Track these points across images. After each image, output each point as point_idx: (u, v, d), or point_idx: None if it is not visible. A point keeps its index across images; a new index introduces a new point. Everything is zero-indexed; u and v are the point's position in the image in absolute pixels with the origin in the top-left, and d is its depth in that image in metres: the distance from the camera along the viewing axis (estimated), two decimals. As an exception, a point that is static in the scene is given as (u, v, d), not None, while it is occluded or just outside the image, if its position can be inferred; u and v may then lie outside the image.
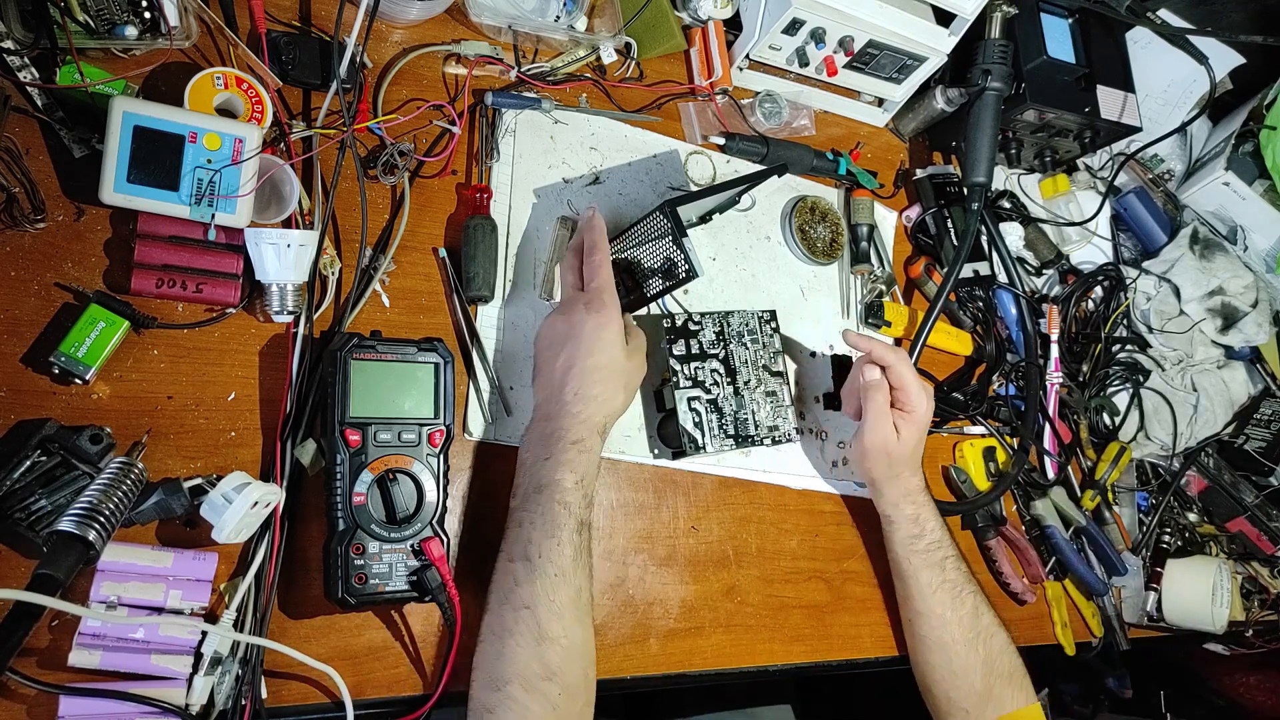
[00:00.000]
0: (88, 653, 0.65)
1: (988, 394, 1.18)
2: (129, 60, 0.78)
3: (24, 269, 0.71)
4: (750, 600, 0.95)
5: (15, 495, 0.64)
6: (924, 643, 0.95)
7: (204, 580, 0.70)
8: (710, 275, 1.03)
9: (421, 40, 0.93)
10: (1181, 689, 1.50)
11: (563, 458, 0.78)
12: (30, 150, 0.73)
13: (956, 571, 0.95)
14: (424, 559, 0.75)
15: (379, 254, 0.85)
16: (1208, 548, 1.29)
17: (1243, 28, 1.33)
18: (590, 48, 0.99)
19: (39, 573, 0.58)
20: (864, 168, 1.15)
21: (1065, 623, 1.17)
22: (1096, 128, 1.21)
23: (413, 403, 0.78)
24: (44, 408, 0.70)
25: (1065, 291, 1.28)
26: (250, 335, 0.79)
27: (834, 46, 1.07)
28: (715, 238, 1.05)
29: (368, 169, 0.86)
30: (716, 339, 0.95)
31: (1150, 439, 1.28)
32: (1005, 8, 1.11)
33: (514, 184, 0.94)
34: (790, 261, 1.10)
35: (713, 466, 0.97)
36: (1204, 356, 1.31)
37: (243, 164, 0.74)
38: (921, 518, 0.95)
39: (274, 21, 0.86)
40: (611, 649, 0.87)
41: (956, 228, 1.16)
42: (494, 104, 0.93)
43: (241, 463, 0.75)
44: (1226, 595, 1.19)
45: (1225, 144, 1.33)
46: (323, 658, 0.72)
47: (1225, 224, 1.36)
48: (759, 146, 1.07)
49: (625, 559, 0.90)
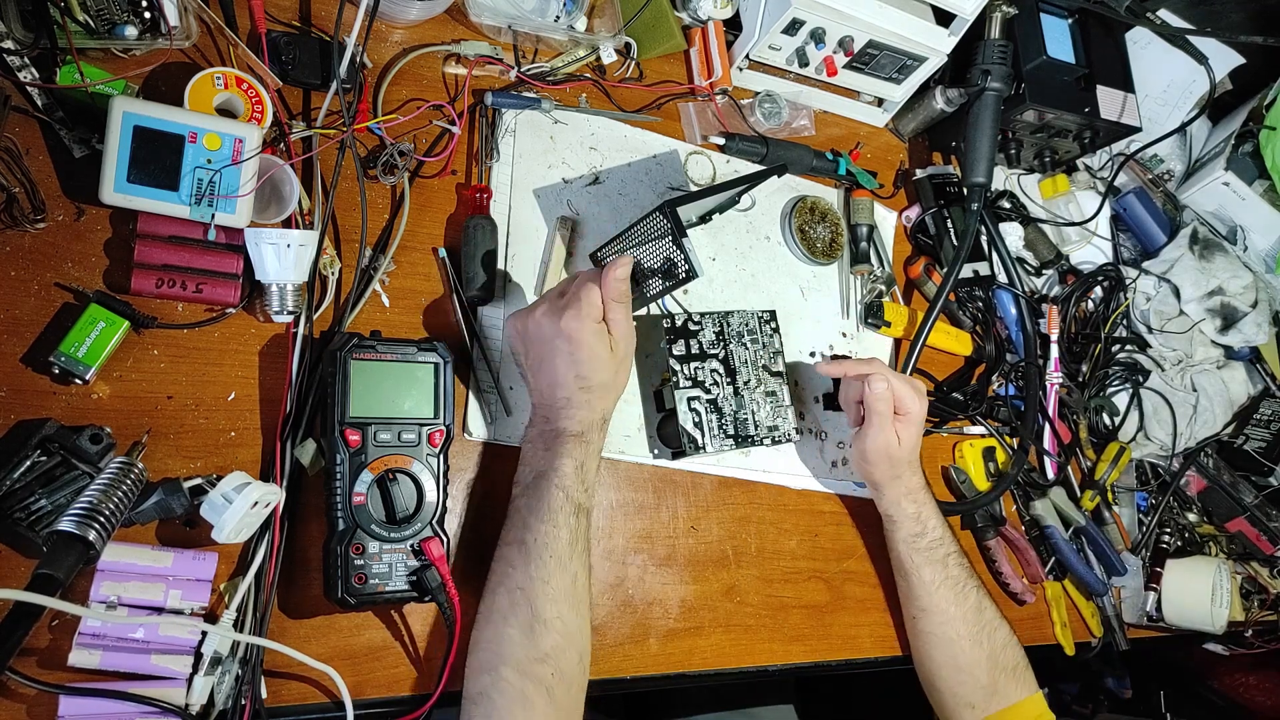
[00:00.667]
0: (88, 653, 0.65)
1: (987, 394, 1.18)
2: (129, 60, 0.78)
3: (24, 269, 0.71)
4: (750, 600, 0.95)
5: (15, 495, 0.64)
6: (928, 639, 0.95)
7: (204, 580, 0.70)
8: (710, 275, 1.03)
9: (421, 40, 0.93)
10: (1181, 689, 1.50)
11: (563, 448, 0.79)
12: (30, 150, 0.73)
13: (959, 568, 0.95)
14: (424, 559, 0.75)
15: (379, 254, 0.85)
16: (1207, 548, 1.29)
17: (1242, 28, 1.33)
18: (590, 48, 0.99)
19: (39, 572, 0.58)
20: (864, 168, 1.15)
21: (1065, 623, 1.17)
22: (1096, 128, 1.21)
23: (412, 403, 0.78)
24: (44, 408, 0.70)
25: (1065, 291, 1.28)
26: (250, 335, 0.79)
27: (834, 47, 1.07)
28: (715, 238, 1.05)
29: (368, 169, 0.86)
30: (716, 339, 0.95)
31: (1150, 439, 1.28)
32: (1005, 8, 1.12)
33: (514, 184, 0.94)
34: (790, 261, 1.10)
35: (712, 466, 0.97)
36: (1204, 357, 1.31)
37: (243, 164, 0.74)
38: (923, 515, 0.95)
39: (274, 21, 0.86)
40: (611, 649, 0.87)
41: (956, 228, 1.16)
42: (494, 104, 0.93)
43: (241, 463, 0.75)
44: (1226, 595, 1.19)
45: (1225, 144, 1.33)
46: (322, 657, 0.72)
47: (1225, 224, 1.36)
48: (759, 147, 1.07)
49: (625, 559, 0.90)
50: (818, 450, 1.04)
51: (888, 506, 0.97)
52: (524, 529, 0.76)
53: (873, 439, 0.93)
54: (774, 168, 0.99)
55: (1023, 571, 1.14)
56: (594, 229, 0.97)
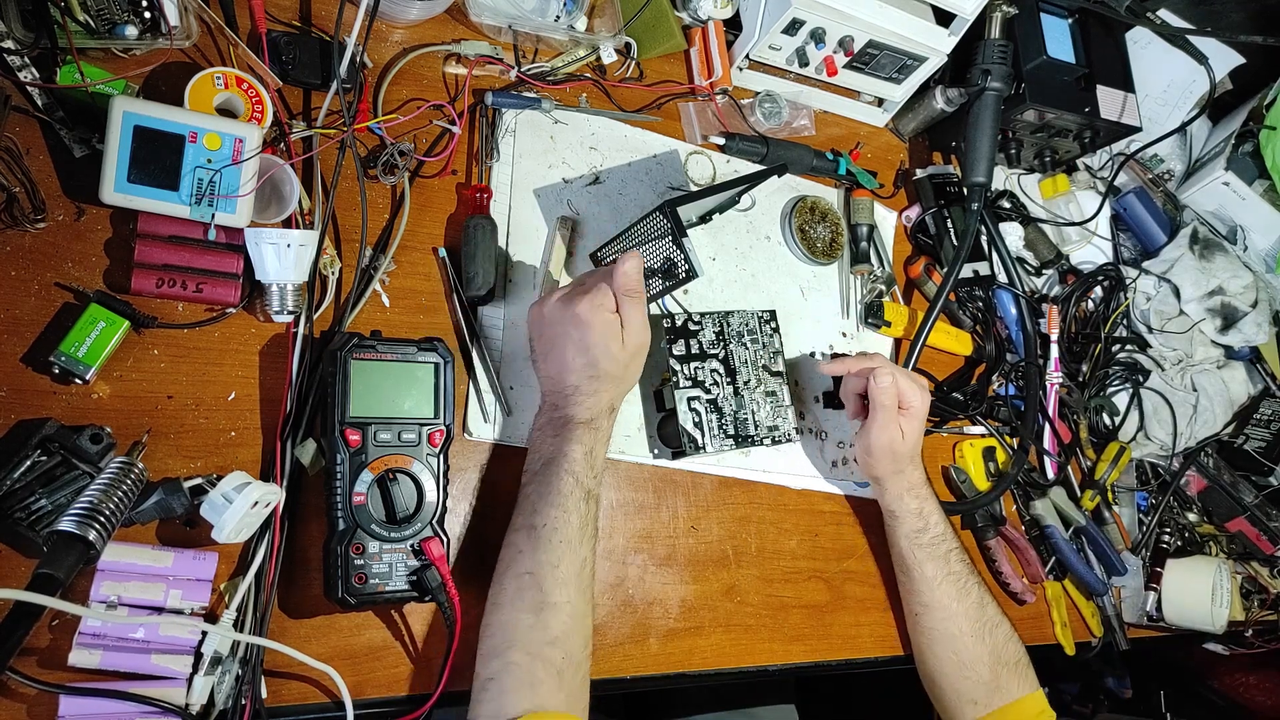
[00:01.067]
0: (88, 652, 0.65)
1: (987, 394, 1.18)
2: (129, 60, 0.78)
3: (24, 269, 0.71)
4: (750, 600, 0.95)
5: (16, 495, 0.64)
6: (930, 635, 0.96)
7: (204, 580, 0.70)
8: (710, 275, 1.03)
9: (422, 40, 0.93)
10: (1181, 689, 1.50)
11: (573, 435, 0.80)
12: (31, 150, 0.73)
13: (960, 564, 0.96)
14: (424, 559, 0.75)
15: (379, 254, 0.85)
16: (1207, 548, 1.29)
17: (1242, 28, 1.33)
18: (590, 47, 0.99)
19: (39, 572, 0.58)
20: (864, 168, 1.15)
21: (1065, 622, 1.17)
22: (1096, 128, 1.21)
23: (413, 402, 0.78)
24: (44, 407, 0.70)
25: (1065, 291, 1.28)
26: (250, 335, 0.79)
27: (834, 46, 1.07)
28: (715, 238, 1.05)
29: (368, 169, 0.86)
30: (716, 339, 0.95)
31: (1150, 439, 1.28)
32: (1005, 8, 1.12)
33: (514, 184, 0.94)
34: (790, 262, 1.10)
35: (712, 466, 0.97)
36: (1204, 356, 1.31)
37: (243, 164, 0.74)
38: (925, 511, 0.96)
39: (274, 21, 0.86)
40: (611, 649, 0.87)
41: (956, 228, 1.16)
42: (494, 104, 0.93)
43: (241, 462, 0.75)
44: (1226, 595, 1.19)
45: (1225, 144, 1.33)
46: (323, 657, 0.72)
47: (1225, 224, 1.36)
48: (759, 146, 1.07)
49: (625, 559, 0.90)
50: (818, 450, 1.04)
51: (890, 502, 0.97)
52: (533, 514, 0.76)
53: (877, 434, 0.93)
54: (774, 168, 0.99)
55: (1023, 571, 1.14)
56: (594, 229, 0.97)
